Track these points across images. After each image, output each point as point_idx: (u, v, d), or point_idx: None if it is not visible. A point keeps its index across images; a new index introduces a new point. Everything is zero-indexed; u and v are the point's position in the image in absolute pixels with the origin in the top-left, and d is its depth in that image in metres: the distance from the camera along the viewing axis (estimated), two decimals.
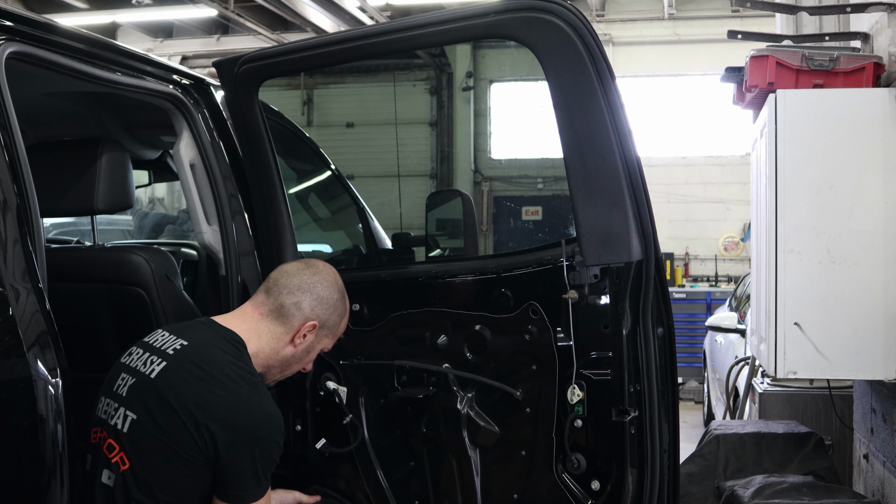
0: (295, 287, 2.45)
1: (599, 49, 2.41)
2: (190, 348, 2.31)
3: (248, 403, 2.25)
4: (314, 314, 2.47)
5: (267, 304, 2.44)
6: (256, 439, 2.25)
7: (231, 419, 2.22)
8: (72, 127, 3.71)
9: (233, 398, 2.24)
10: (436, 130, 15.33)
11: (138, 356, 2.34)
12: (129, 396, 2.28)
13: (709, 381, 8.78)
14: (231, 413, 2.22)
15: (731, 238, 13.72)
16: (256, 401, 2.27)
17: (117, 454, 2.25)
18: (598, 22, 13.70)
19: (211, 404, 2.21)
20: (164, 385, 2.25)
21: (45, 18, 2.58)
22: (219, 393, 2.23)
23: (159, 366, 2.28)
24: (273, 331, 2.43)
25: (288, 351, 2.46)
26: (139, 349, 2.37)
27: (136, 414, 2.25)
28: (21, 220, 2.14)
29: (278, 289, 2.45)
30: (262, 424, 2.26)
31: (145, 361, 2.31)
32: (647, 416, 2.46)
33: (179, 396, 2.23)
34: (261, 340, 2.41)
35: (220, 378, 2.25)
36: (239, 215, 3.07)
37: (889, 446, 3.86)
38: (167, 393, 2.24)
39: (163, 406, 2.23)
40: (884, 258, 3.44)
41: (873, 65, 3.53)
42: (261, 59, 2.87)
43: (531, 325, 2.57)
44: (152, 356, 2.31)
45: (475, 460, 2.70)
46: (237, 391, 2.25)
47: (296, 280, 2.46)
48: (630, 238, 2.43)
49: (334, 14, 11.80)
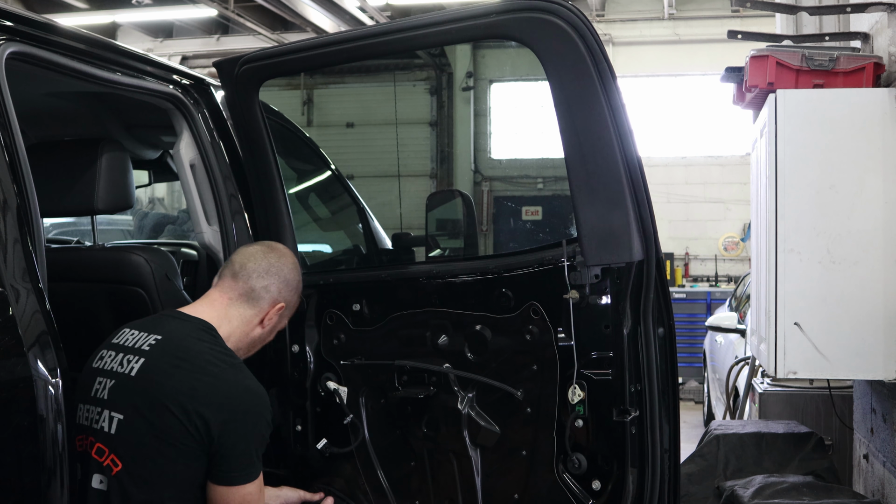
0: (263, 271, 2.50)
1: (600, 49, 2.41)
2: (166, 342, 2.33)
3: (234, 384, 2.30)
4: (281, 296, 2.53)
5: (236, 289, 2.47)
6: (247, 417, 2.29)
7: (220, 402, 2.25)
8: (72, 127, 3.71)
9: (219, 381, 2.28)
10: (436, 130, 15.33)
11: (111, 358, 2.35)
12: (112, 398, 2.29)
13: (709, 381, 8.78)
14: (219, 396, 2.26)
15: (731, 238, 13.72)
16: (242, 380, 2.33)
17: (107, 457, 2.25)
18: (598, 22, 13.69)
19: (198, 391, 2.25)
20: (148, 381, 2.27)
21: (45, 18, 2.58)
22: (204, 379, 2.27)
23: (138, 363, 2.30)
24: (243, 314, 2.48)
25: (257, 332, 2.52)
26: (110, 351, 2.37)
27: (122, 414, 2.26)
28: (21, 220, 2.14)
29: (246, 273, 2.48)
30: (251, 402, 2.31)
31: (121, 362, 2.32)
32: (647, 416, 2.46)
33: (165, 389, 2.25)
34: (231, 324, 2.45)
35: (203, 365, 2.29)
36: (239, 215, 3.07)
37: (889, 446, 3.86)
38: (152, 388, 2.26)
39: (149, 401, 2.25)
40: (884, 258, 3.44)
41: (873, 65, 3.53)
42: (261, 59, 2.87)
43: (532, 325, 2.57)
44: (127, 355, 2.32)
45: (476, 460, 2.70)
46: (221, 374, 2.29)
47: (263, 264, 2.51)
48: (631, 238, 2.43)
49: (334, 14, 11.80)
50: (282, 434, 2.99)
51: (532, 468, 2.61)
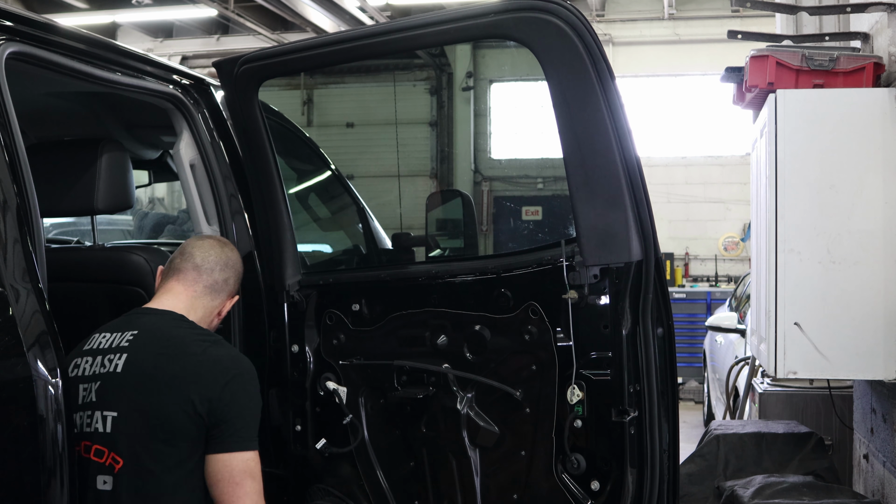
0: (223, 264, 2.54)
1: (599, 49, 2.41)
2: (144, 334, 2.36)
3: (220, 357, 2.37)
4: (235, 288, 2.60)
5: (200, 282, 2.50)
6: (239, 382, 2.34)
7: (211, 376, 2.30)
8: (72, 127, 3.72)
9: (205, 358, 2.33)
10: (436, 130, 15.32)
11: (89, 364, 2.35)
12: (101, 398, 2.29)
13: (709, 381, 8.78)
14: (209, 371, 2.31)
15: (731, 238, 13.72)
16: (226, 353, 2.41)
17: (108, 456, 2.26)
18: (598, 22, 13.70)
19: (188, 372, 2.29)
20: (136, 373, 2.29)
21: (45, 18, 2.59)
22: (191, 360, 2.32)
23: (121, 359, 2.31)
24: (206, 306, 2.52)
25: (214, 323, 2.58)
26: (85, 357, 2.37)
27: (115, 411, 2.27)
28: (21, 220, 2.14)
29: (210, 266, 2.51)
30: (239, 368, 2.37)
31: (101, 363, 2.33)
32: (646, 417, 2.46)
33: (156, 377, 2.27)
34: (196, 315, 2.49)
35: (186, 347, 2.34)
36: (239, 215, 3.08)
37: (889, 446, 3.86)
38: (142, 379, 2.28)
39: (142, 393, 2.27)
40: (884, 258, 3.44)
41: (873, 65, 3.53)
42: (261, 59, 2.87)
43: (531, 325, 2.57)
44: (108, 355, 2.33)
45: (475, 460, 2.70)
46: (206, 352, 2.35)
47: (223, 257, 2.55)
48: (630, 238, 2.43)
49: (334, 14, 11.80)
50: (282, 434, 2.99)
51: (531, 468, 2.61)
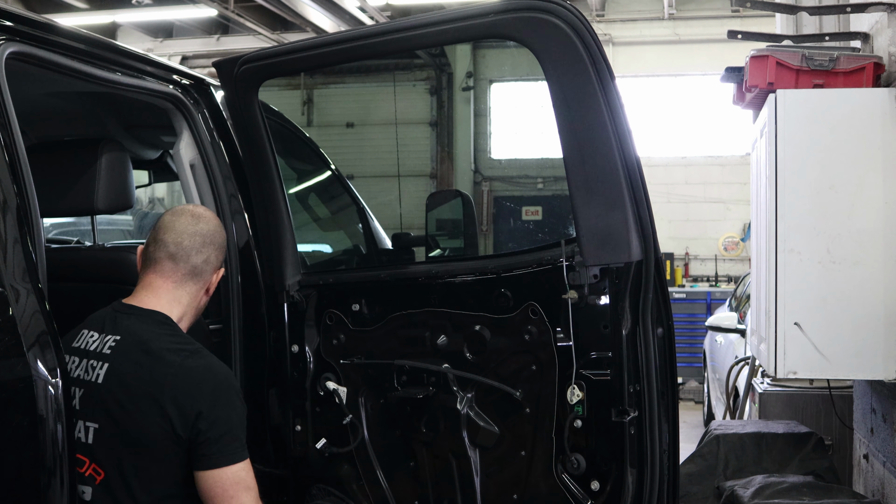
0: (199, 245, 2.44)
1: (599, 49, 2.41)
2: (125, 341, 2.32)
3: (198, 369, 2.30)
4: (218, 262, 2.51)
5: (178, 271, 2.42)
6: (219, 395, 2.29)
7: (189, 389, 2.26)
8: (72, 127, 3.71)
9: (183, 371, 2.27)
10: (436, 130, 15.33)
11: (76, 365, 2.33)
12: (83, 408, 2.28)
13: (709, 381, 8.78)
14: (188, 384, 2.26)
15: (731, 238, 13.72)
16: (205, 365, 2.33)
17: (88, 467, 2.25)
18: (598, 22, 13.70)
19: (166, 385, 2.25)
20: (115, 385, 2.26)
21: (45, 18, 2.59)
22: (169, 371, 2.26)
23: (102, 369, 2.29)
24: (190, 291, 2.45)
25: (203, 301, 2.52)
26: (74, 356, 2.35)
27: (97, 423, 2.26)
28: (21, 220, 2.14)
29: (184, 252, 2.42)
30: (217, 381, 2.32)
31: (86, 368, 2.31)
32: (646, 417, 2.46)
33: (134, 390, 2.25)
34: (182, 305, 2.43)
35: (165, 358, 2.28)
36: (239, 215, 3.08)
37: (889, 446, 3.86)
38: (121, 392, 2.26)
39: (120, 406, 2.25)
40: (884, 258, 3.44)
41: (873, 65, 3.53)
42: (261, 59, 2.87)
43: (531, 325, 2.57)
44: (91, 361, 2.31)
45: (475, 460, 2.70)
46: (184, 363, 2.29)
47: (198, 238, 2.44)
48: (630, 238, 2.43)
49: (334, 14, 11.80)
50: (282, 434, 2.99)
51: (531, 468, 2.61)
